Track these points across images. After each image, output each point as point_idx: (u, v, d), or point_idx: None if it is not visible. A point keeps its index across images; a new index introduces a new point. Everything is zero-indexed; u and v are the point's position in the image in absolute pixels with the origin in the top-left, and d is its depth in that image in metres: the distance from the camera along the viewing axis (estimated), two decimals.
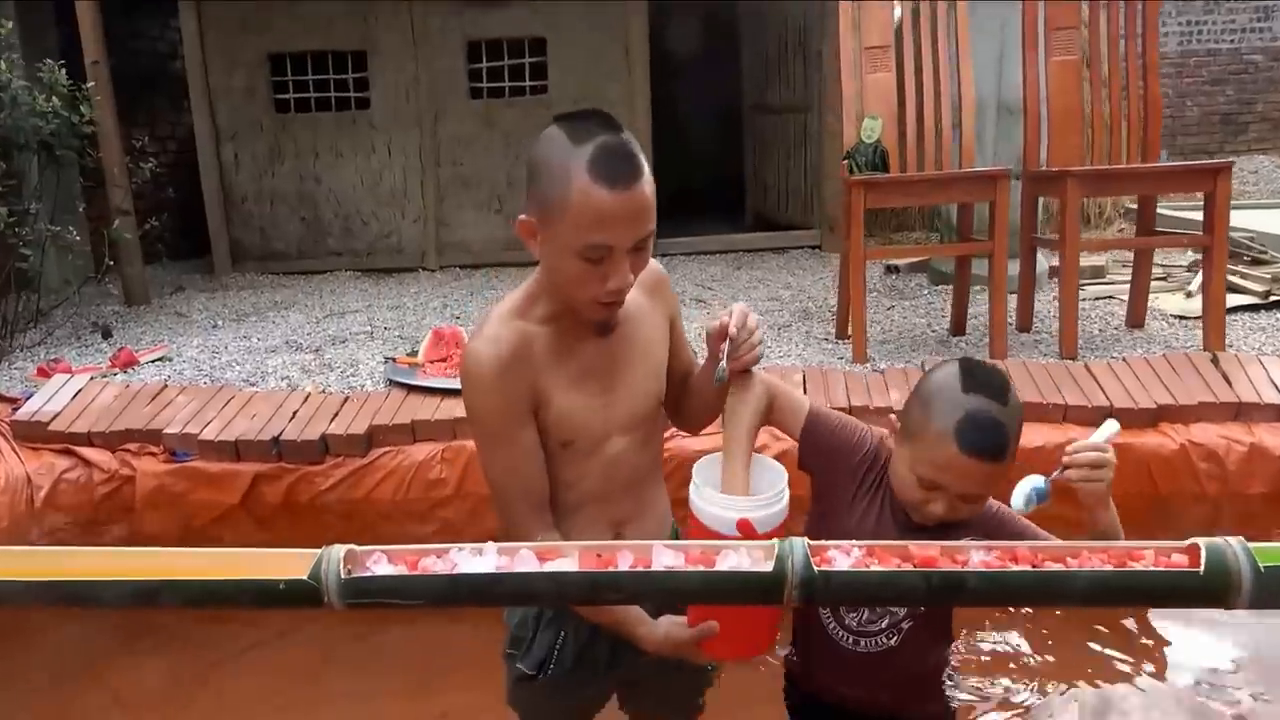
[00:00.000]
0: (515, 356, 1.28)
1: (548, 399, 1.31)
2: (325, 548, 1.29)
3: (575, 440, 1.35)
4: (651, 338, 1.43)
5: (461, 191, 5.95)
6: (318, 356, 3.73)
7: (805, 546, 1.37)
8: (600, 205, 1.17)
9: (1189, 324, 3.85)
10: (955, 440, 1.29)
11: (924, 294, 4.64)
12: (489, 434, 1.30)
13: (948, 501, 1.33)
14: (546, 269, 1.28)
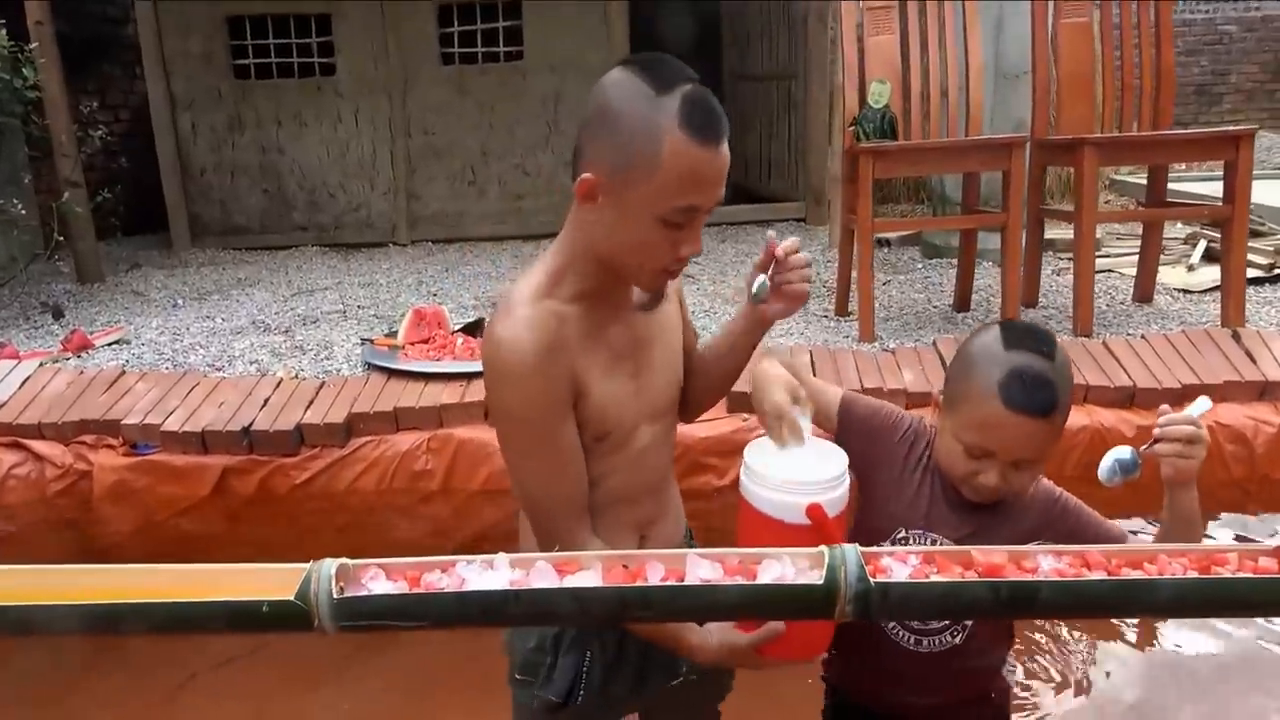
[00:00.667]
0: (554, 341, 1.12)
1: (586, 387, 1.16)
2: (314, 563, 1.08)
3: (610, 433, 1.21)
4: (671, 315, 1.31)
5: (433, 162, 5.70)
6: (288, 338, 3.50)
7: (859, 555, 1.18)
8: (697, 163, 1.05)
9: (1194, 298, 3.75)
10: (1000, 397, 1.22)
11: (918, 268, 4.50)
12: (528, 435, 1.14)
13: (999, 470, 1.25)
14: (604, 234, 1.12)
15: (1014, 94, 4.08)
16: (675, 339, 1.32)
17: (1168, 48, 3.27)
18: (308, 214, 5.77)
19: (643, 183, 1.06)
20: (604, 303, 1.19)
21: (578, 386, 1.15)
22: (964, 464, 1.28)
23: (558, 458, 1.14)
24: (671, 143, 1.04)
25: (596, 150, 1.09)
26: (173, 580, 1.17)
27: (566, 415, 1.14)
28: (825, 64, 5.56)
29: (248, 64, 5.53)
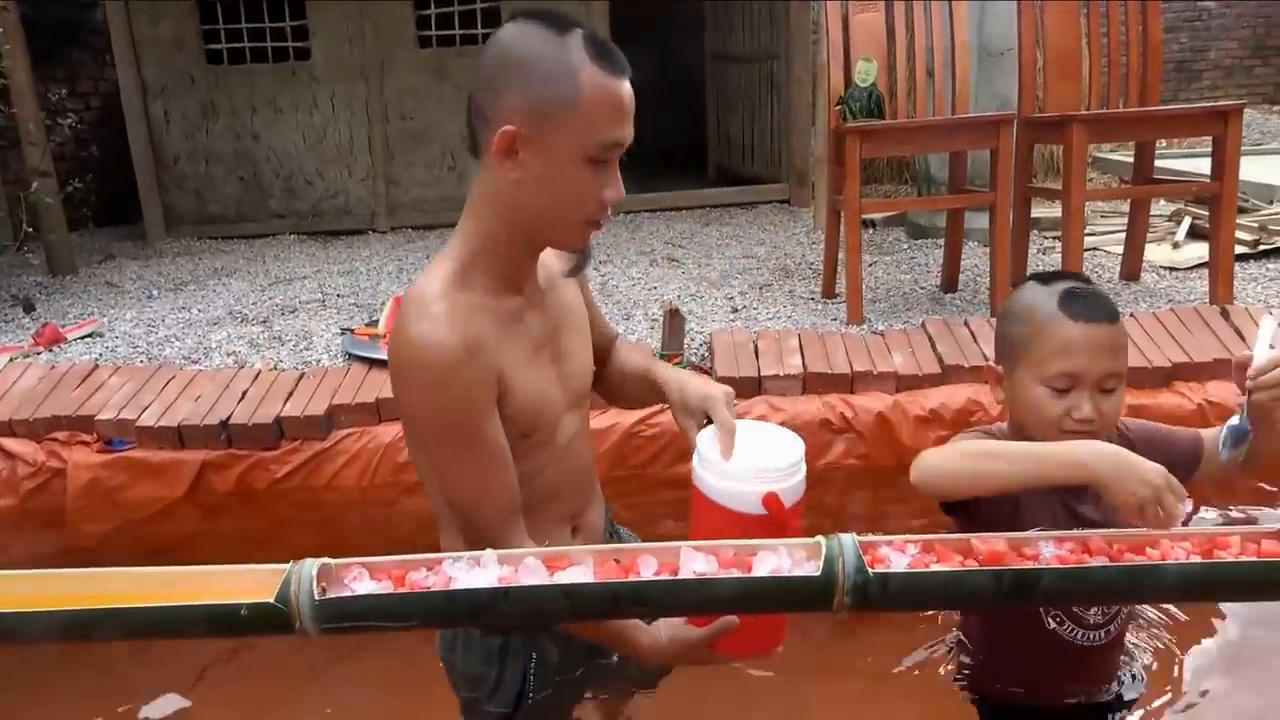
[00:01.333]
0: (474, 337, 1.06)
1: (510, 383, 1.11)
2: (294, 563, 1.01)
3: (537, 427, 1.17)
4: (574, 300, 1.27)
5: (412, 148, 5.61)
6: (266, 328, 3.43)
7: (856, 544, 1.14)
8: (613, 95, 1.04)
9: (1179, 275, 3.74)
10: (1067, 315, 1.23)
11: (904, 248, 4.46)
12: (455, 439, 1.07)
13: (1089, 395, 1.22)
14: (533, 190, 1.06)
15: (998, 72, 4.04)
16: (584, 322, 1.28)
17: (1155, 23, 3.24)
18: (285, 201, 5.67)
19: (565, 122, 1.03)
20: (517, 290, 1.15)
21: (501, 383, 1.10)
22: (1054, 405, 1.25)
23: (488, 460, 1.08)
24: (587, 76, 1.02)
25: (509, 102, 1.04)
26: (148, 583, 1.11)
27: (491, 413, 1.08)
28: (807, 44, 5.50)
29: (220, 49, 5.42)
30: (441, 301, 1.07)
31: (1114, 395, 1.25)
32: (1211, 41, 9.35)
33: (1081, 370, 1.23)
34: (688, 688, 1.48)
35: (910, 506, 2.56)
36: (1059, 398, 1.24)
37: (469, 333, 1.06)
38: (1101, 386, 1.24)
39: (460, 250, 1.11)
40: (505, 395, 1.10)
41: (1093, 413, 1.23)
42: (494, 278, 1.11)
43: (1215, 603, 1.82)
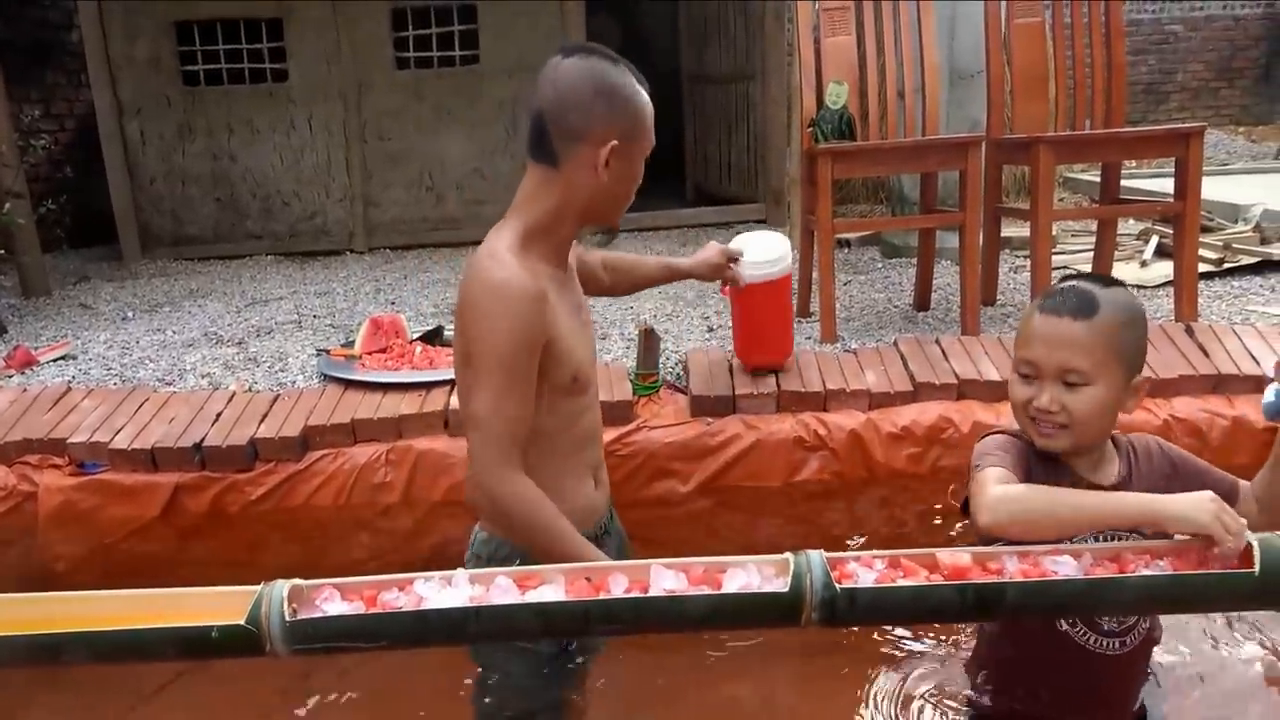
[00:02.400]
0: (538, 290, 1.29)
1: (557, 333, 1.34)
2: (265, 584, 0.99)
3: (578, 374, 1.39)
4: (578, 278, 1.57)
5: (390, 169, 5.62)
6: (241, 350, 3.42)
7: (824, 560, 1.16)
8: (652, 109, 1.38)
9: (1147, 293, 3.80)
10: (1038, 306, 1.32)
11: (878, 268, 4.51)
12: (499, 363, 1.28)
13: (1049, 389, 1.28)
14: (611, 186, 1.35)
15: (968, 94, 4.11)
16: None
17: (1119, 46, 3.31)
18: (262, 222, 5.66)
19: (643, 133, 1.36)
20: (562, 263, 1.41)
21: (553, 334, 1.32)
22: (1020, 392, 1.32)
23: (516, 391, 1.29)
24: (644, 99, 1.36)
25: (608, 121, 1.32)
26: (117, 606, 1.11)
27: (536, 355, 1.30)
28: (783, 64, 5.57)
29: (197, 70, 5.42)
30: (513, 256, 1.31)
31: (1081, 392, 1.27)
32: (1179, 64, 9.52)
33: (1038, 360, 1.28)
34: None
35: (882, 520, 2.58)
36: (1024, 384, 1.31)
37: (539, 285, 1.30)
38: (1063, 379, 1.27)
39: (519, 227, 1.34)
40: (556, 345, 1.33)
41: (1050, 403, 1.27)
42: (549, 249, 1.37)
43: (1180, 613, 1.84)
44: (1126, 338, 1.29)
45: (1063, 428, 1.30)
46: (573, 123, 1.31)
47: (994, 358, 2.85)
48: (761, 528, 2.54)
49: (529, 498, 1.30)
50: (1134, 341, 1.31)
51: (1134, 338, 1.31)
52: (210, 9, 5.31)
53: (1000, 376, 2.73)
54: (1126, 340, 1.29)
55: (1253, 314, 3.32)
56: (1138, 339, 1.32)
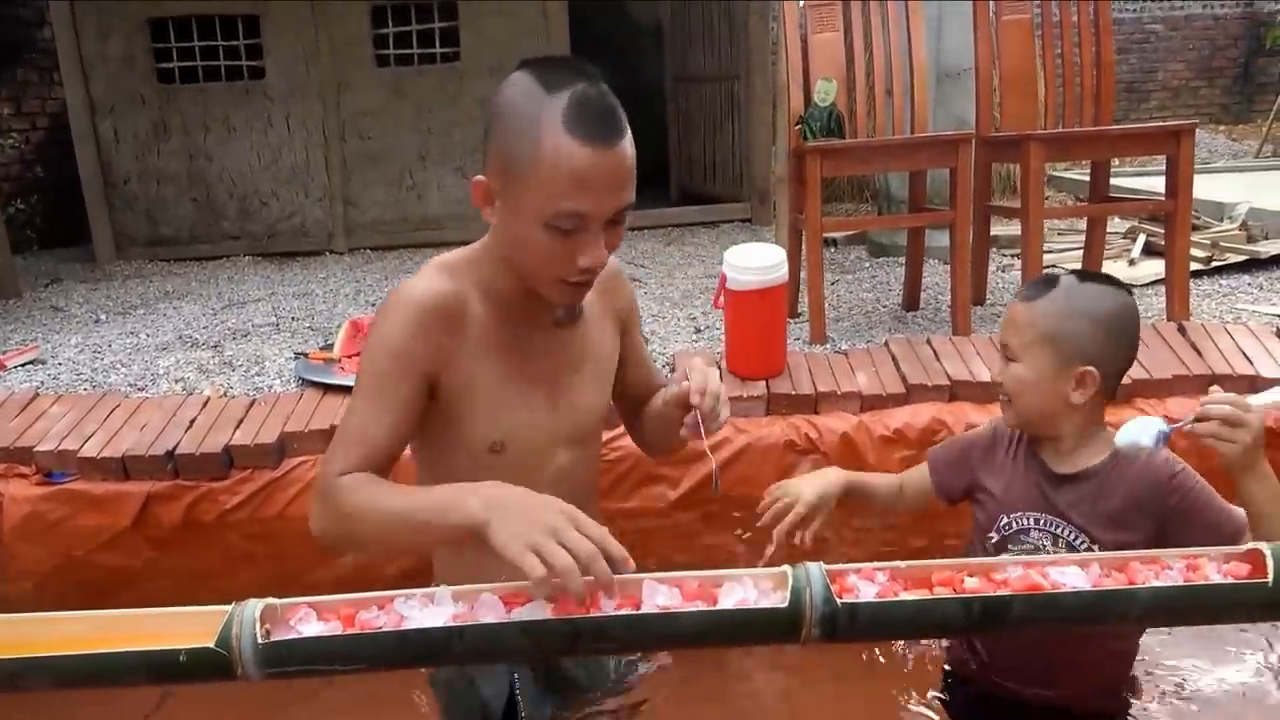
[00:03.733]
0: (442, 309, 1.14)
1: (470, 384, 1.17)
2: (236, 605, 0.93)
3: (507, 446, 1.20)
4: (600, 340, 1.30)
5: (369, 168, 5.53)
6: (216, 353, 3.33)
7: (823, 574, 1.11)
8: (576, 165, 1.02)
9: (1138, 291, 3.77)
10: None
11: (865, 267, 4.47)
12: (366, 367, 1.14)
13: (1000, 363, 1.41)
14: (505, 240, 1.13)
15: (956, 92, 4.07)
16: (604, 366, 1.31)
17: (1107, 44, 3.28)
18: (239, 223, 5.56)
19: (524, 185, 1.04)
20: (518, 313, 1.19)
21: (448, 369, 1.14)
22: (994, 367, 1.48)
23: (373, 401, 1.11)
24: (552, 143, 1.01)
25: (490, 152, 1.09)
26: (80, 629, 1.04)
27: (409, 379, 1.12)
28: (768, 63, 5.52)
29: (172, 67, 5.31)
30: (438, 276, 1.16)
31: (1010, 368, 1.39)
32: (1159, 63, 9.56)
33: (999, 335, 1.41)
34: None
35: (879, 526, 2.53)
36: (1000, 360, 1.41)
37: (440, 302, 1.13)
38: (1003, 354, 1.40)
39: (476, 250, 1.19)
40: (469, 394, 1.15)
41: (996, 375, 1.41)
42: (492, 287, 1.18)
43: (1190, 625, 1.79)
44: (1068, 327, 1.34)
45: (1008, 402, 1.41)
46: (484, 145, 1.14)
47: (986, 357, 2.81)
48: (754, 534, 2.49)
49: (363, 488, 1.06)
50: (1079, 332, 1.33)
51: (1080, 329, 1.34)
52: (185, 6, 5.21)
53: (991, 377, 2.69)
54: (1066, 329, 1.34)
55: (1243, 312, 3.30)
56: (1084, 332, 1.34)
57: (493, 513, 0.93)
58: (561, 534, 0.87)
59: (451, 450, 1.21)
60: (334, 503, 1.07)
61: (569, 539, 0.87)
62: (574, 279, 1.10)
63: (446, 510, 0.98)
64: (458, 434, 1.19)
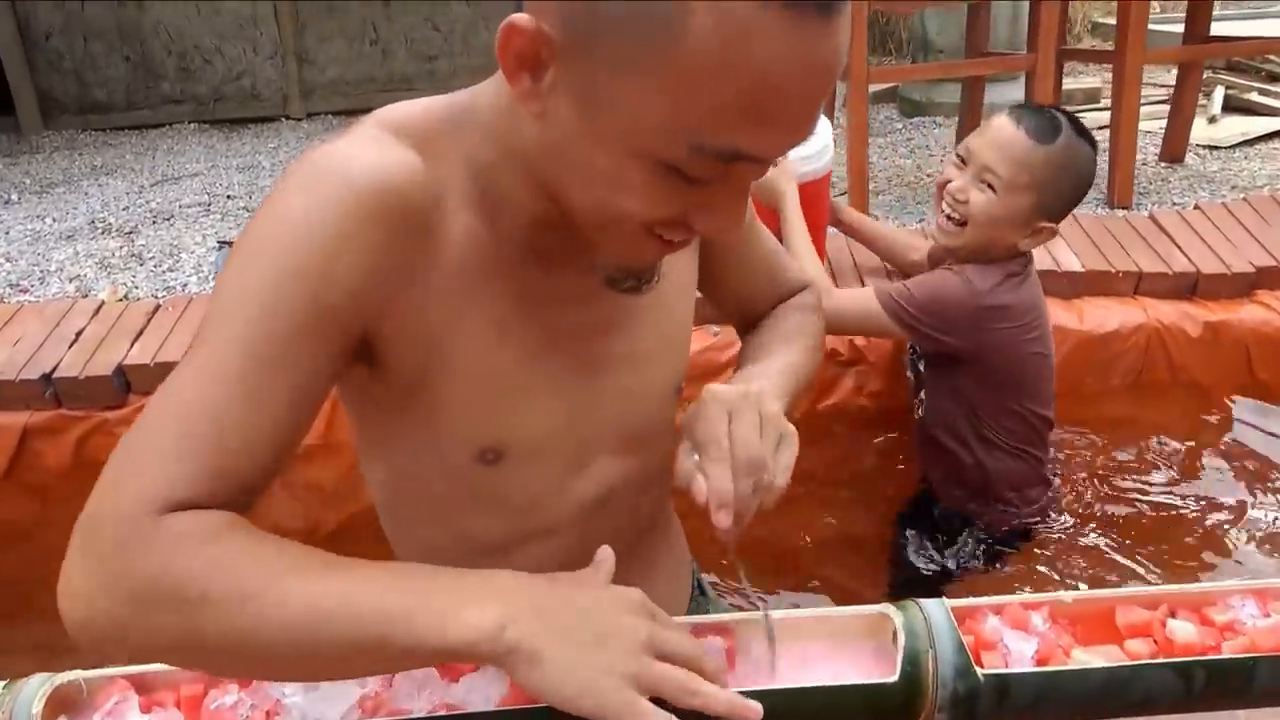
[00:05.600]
0: (399, 215, 0.65)
1: (430, 342, 0.71)
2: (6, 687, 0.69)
3: (508, 453, 0.76)
4: (678, 290, 0.84)
5: (326, 19, 4.82)
6: (127, 243, 2.77)
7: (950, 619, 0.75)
8: (778, 53, 0.53)
9: (1233, 156, 3.20)
10: (1008, 110, 1.48)
11: (898, 129, 3.86)
12: (239, 307, 0.63)
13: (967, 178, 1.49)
14: (548, 155, 0.64)
15: None
16: (680, 327, 0.86)
17: None
18: (180, 84, 4.88)
19: (642, 72, 0.55)
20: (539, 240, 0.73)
21: (405, 324, 0.69)
22: (947, 172, 1.55)
23: (256, 375, 0.61)
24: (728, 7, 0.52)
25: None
26: None
27: (324, 333, 0.64)
28: None
29: None
30: (394, 135, 0.67)
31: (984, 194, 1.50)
32: None
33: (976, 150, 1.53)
34: None
35: None
36: (955, 168, 1.59)
37: (400, 200, 0.65)
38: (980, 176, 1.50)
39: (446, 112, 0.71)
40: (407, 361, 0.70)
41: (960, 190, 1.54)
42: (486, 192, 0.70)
43: None
44: (1059, 183, 1.44)
45: (959, 225, 1.50)
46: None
47: (1070, 240, 2.26)
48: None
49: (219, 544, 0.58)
50: (1062, 191, 1.46)
51: (1064, 188, 1.46)
52: None
53: (1081, 265, 2.16)
54: (1057, 184, 1.44)
55: None
56: (1065, 192, 1.47)
57: (522, 633, 0.57)
58: (644, 676, 0.58)
59: (409, 458, 0.78)
60: (141, 567, 0.57)
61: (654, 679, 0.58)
62: (668, 235, 0.65)
63: (415, 617, 0.57)
64: (419, 432, 0.76)
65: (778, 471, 0.73)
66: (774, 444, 0.73)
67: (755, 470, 0.71)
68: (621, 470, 0.83)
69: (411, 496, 0.81)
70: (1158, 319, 2.10)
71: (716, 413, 0.72)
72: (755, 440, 0.71)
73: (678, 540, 1.00)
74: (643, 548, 0.90)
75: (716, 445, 0.71)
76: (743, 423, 0.72)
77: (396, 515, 0.86)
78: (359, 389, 0.75)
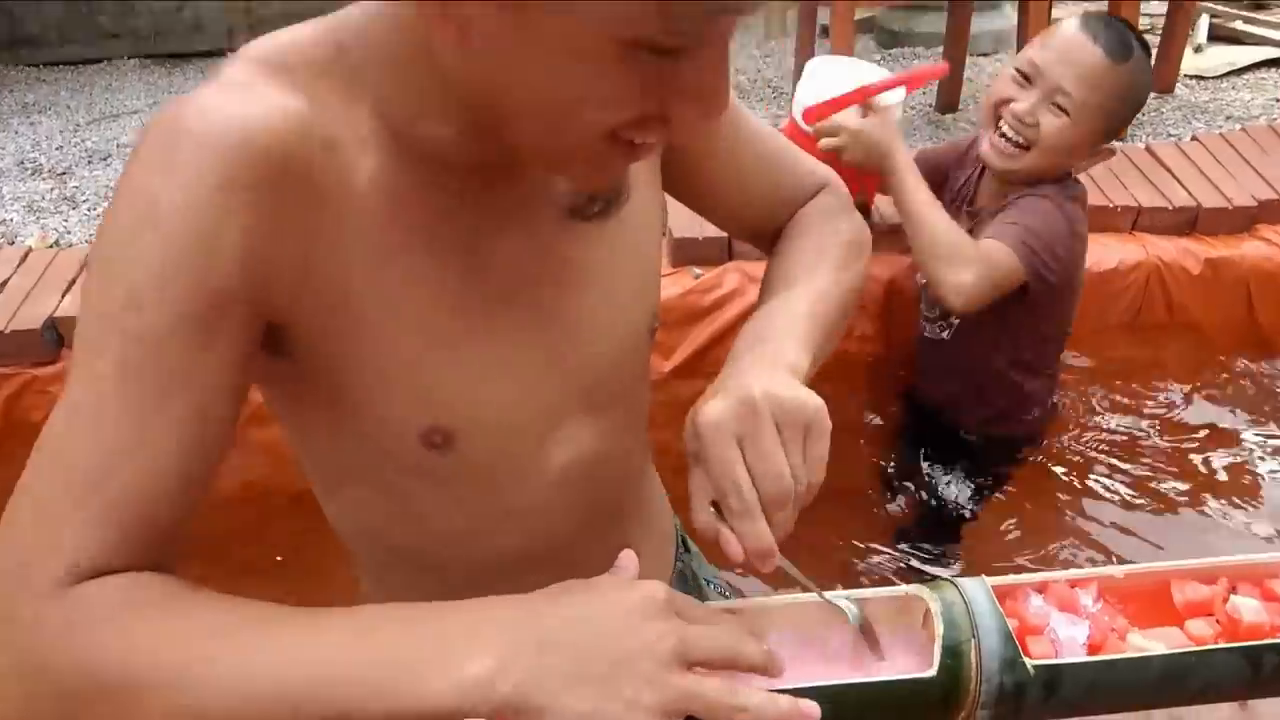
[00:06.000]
0: (281, 171, 0.54)
1: (348, 314, 0.59)
2: None
3: (460, 436, 0.64)
4: (644, 216, 0.72)
5: None
6: (59, 185, 2.58)
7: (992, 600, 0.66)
8: None
9: (1209, 85, 3.11)
10: (1079, 22, 1.36)
11: (877, 61, 3.72)
12: (110, 321, 0.52)
13: (1035, 99, 1.36)
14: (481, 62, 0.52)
15: None
16: (648, 261, 0.74)
17: None
18: (118, 17, 4.60)
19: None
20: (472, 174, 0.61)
21: (316, 299, 0.57)
22: (1006, 89, 1.38)
23: (139, 396, 0.51)
24: None
25: None
26: None
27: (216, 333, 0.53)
28: None
29: None
30: (271, 74, 0.56)
31: (1060, 118, 1.37)
32: None
33: (1045, 66, 1.34)
34: None
35: None
36: (1015, 85, 1.39)
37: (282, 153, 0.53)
38: (1052, 98, 1.34)
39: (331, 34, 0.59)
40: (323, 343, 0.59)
41: (1028, 113, 1.36)
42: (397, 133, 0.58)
43: None
44: (1126, 100, 1.38)
45: (1023, 149, 1.39)
46: None
47: None
48: None
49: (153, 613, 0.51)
50: (1128, 109, 1.42)
51: (1130, 107, 1.43)
52: None
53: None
54: (1127, 107, 1.40)
55: None
56: (1130, 111, 1.46)
57: (519, 683, 0.47)
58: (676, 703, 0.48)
59: (347, 455, 0.67)
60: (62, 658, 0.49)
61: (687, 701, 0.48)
62: (640, 139, 0.54)
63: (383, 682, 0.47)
64: (352, 424, 0.64)
65: (811, 471, 0.61)
66: (801, 444, 0.61)
67: (788, 498, 0.60)
68: (594, 432, 0.72)
69: (358, 500, 0.70)
70: (1157, 256, 2.01)
71: (725, 454, 0.60)
72: (779, 461, 0.59)
73: (659, 496, 0.90)
74: (625, 515, 0.80)
75: (738, 495, 0.59)
76: (759, 446, 0.59)
77: (347, 522, 0.74)
78: (277, 387, 0.65)
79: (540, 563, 0.66)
